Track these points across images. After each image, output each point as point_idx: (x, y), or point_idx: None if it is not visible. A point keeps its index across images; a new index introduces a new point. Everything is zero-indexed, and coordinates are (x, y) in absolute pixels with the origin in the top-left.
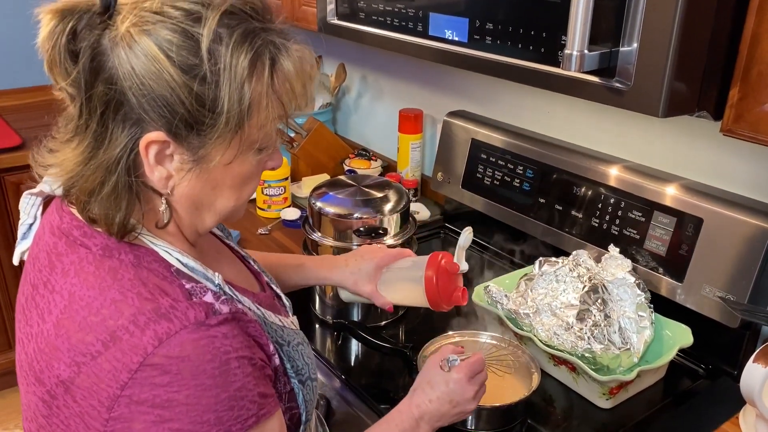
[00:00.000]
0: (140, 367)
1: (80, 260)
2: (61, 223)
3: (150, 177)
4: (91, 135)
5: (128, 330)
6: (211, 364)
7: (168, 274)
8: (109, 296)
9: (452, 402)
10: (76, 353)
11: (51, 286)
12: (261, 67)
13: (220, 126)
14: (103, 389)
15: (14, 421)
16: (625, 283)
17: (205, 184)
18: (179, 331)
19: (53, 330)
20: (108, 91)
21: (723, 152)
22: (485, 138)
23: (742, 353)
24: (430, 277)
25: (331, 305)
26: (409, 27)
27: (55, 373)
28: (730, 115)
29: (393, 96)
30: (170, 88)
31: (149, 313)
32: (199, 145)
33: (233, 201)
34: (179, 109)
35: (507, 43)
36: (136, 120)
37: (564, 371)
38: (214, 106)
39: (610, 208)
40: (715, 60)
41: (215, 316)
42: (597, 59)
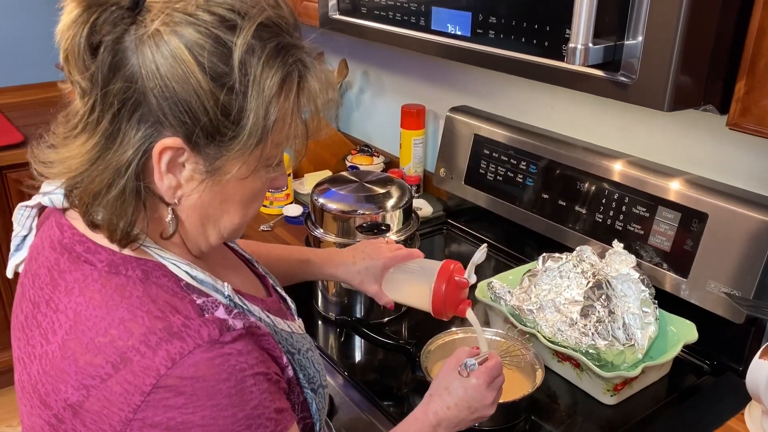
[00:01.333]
0: (153, 389)
1: (85, 278)
2: (62, 238)
3: (158, 185)
4: (101, 133)
5: (139, 351)
6: (226, 383)
7: (178, 290)
8: (118, 315)
9: (471, 408)
10: (85, 376)
11: (54, 305)
12: (290, 85)
13: (242, 139)
14: (114, 413)
15: (17, 418)
16: (629, 279)
17: (215, 197)
18: (193, 351)
19: (59, 351)
20: (127, 89)
21: (728, 147)
22: (488, 133)
23: (747, 349)
24: (440, 287)
25: (334, 302)
26: (412, 21)
27: (63, 397)
28: (736, 109)
29: (395, 91)
30: (196, 94)
31: (160, 333)
32: (216, 156)
33: (239, 218)
34: (202, 117)
35: (510, 37)
36: (153, 123)
37: (568, 367)
38: (239, 119)
39: (614, 204)
40: (721, 53)
41: (229, 333)
42: (602, 53)
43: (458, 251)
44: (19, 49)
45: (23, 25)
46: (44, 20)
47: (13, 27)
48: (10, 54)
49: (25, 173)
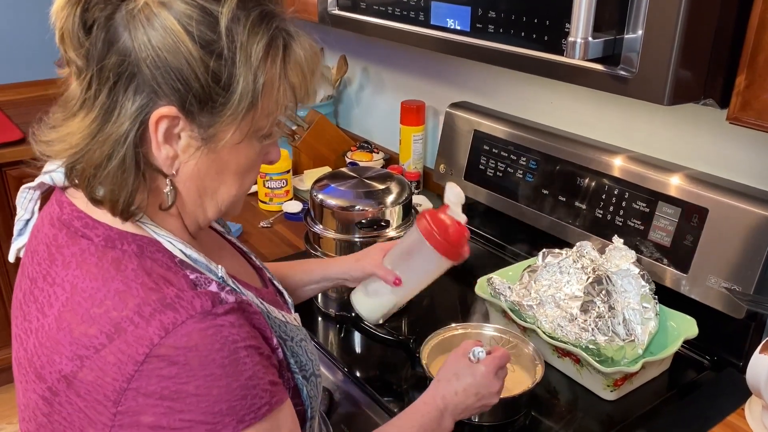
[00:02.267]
0: (146, 358)
1: (82, 251)
2: (61, 214)
3: (156, 155)
4: (99, 107)
5: (133, 321)
6: (219, 353)
7: (172, 265)
8: (113, 287)
9: (478, 395)
10: (79, 346)
11: (51, 279)
12: (275, 51)
13: (233, 104)
14: (108, 383)
15: (16, 416)
16: (629, 275)
17: (210, 167)
18: (185, 321)
19: (54, 323)
20: (121, 63)
21: (729, 141)
22: (488, 129)
23: (747, 344)
24: (420, 219)
25: (334, 298)
26: (411, 16)
27: (57, 368)
28: (737, 103)
29: (395, 88)
30: (187, 62)
31: (154, 304)
32: (210, 123)
33: (235, 189)
34: (194, 84)
35: (510, 31)
36: (148, 93)
37: (568, 363)
38: (229, 84)
39: (614, 199)
40: (722, 47)
41: (221, 305)
42: (601, 47)
43: None
44: (17, 46)
45: (21, 22)
46: (42, 17)
47: (12, 24)
48: (8, 51)
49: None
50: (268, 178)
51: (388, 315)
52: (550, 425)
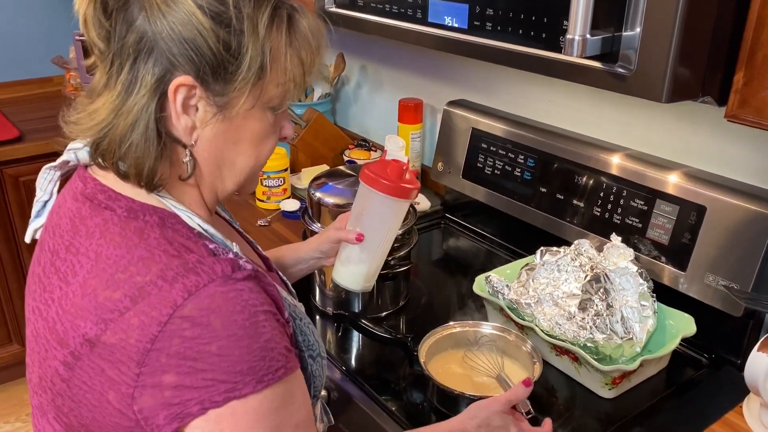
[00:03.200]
0: (170, 319)
1: (105, 222)
2: (84, 189)
3: (176, 125)
4: (121, 83)
5: (157, 285)
6: (240, 315)
7: (191, 235)
8: (137, 254)
9: None
10: (104, 310)
11: (75, 249)
12: (279, 21)
13: (243, 71)
14: (132, 344)
15: (15, 414)
16: (627, 273)
17: (227, 136)
18: (207, 284)
19: (79, 290)
20: (140, 40)
21: (727, 139)
22: (486, 127)
23: (745, 342)
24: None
25: (331, 297)
26: (408, 14)
27: (81, 332)
28: (735, 101)
29: (392, 86)
30: (199, 33)
31: (177, 268)
32: (223, 90)
33: (253, 159)
34: (207, 53)
35: (508, 28)
36: (166, 65)
37: (566, 361)
38: (239, 52)
39: (612, 197)
40: (720, 44)
41: (240, 271)
42: (599, 44)
43: (456, 246)
44: (14, 44)
45: (19, 20)
46: (40, 15)
47: (9, 22)
48: (5, 49)
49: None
50: (265, 177)
51: (371, 279)
52: None
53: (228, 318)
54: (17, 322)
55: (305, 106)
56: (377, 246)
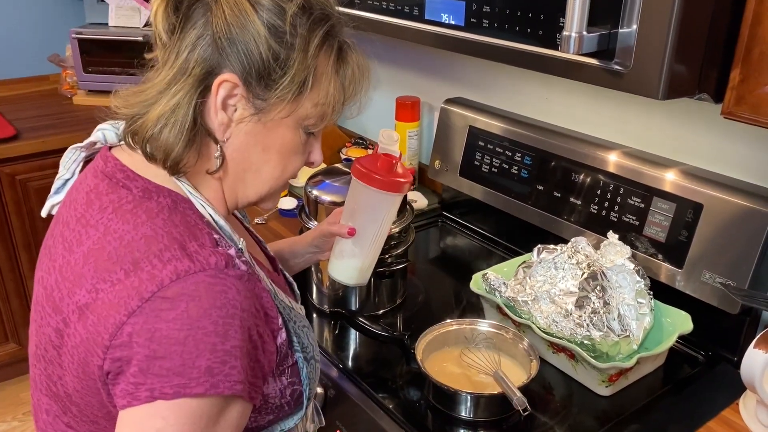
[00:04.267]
0: (152, 297)
1: (120, 199)
2: (105, 167)
3: (213, 119)
4: (176, 68)
5: (151, 262)
6: (219, 311)
7: (200, 222)
8: (141, 231)
9: None
10: (99, 280)
11: (85, 221)
12: (329, 48)
13: (285, 81)
14: (112, 315)
15: (12, 413)
16: (624, 270)
17: (258, 141)
18: (198, 272)
19: (81, 259)
20: (200, 35)
21: (723, 136)
22: (483, 125)
23: (742, 339)
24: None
25: (329, 294)
26: (405, 11)
27: (75, 299)
28: (731, 98)
29: (390, 83)
30: (253, 39)
31: (175, 251)
32: (263, 95)
33: (279, 170)
34: (256, 58)
35: (505, 26)
36: (216, 60)
37: (563, 359)
38: (285, 63)
39: (609, 195)
40: (716, 41)
41: (234, 269)
42: (596, 41)
43: (454, 244)
44: (11, 42)
45: (15, 18)
46: (37, 13)
47: (5, 20)
48: (1, 47)
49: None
50: None
51: (366, 273)
52: (545, 421)
53: (205, 310)
54: (14, 321)
55: None
56: (371, 240)
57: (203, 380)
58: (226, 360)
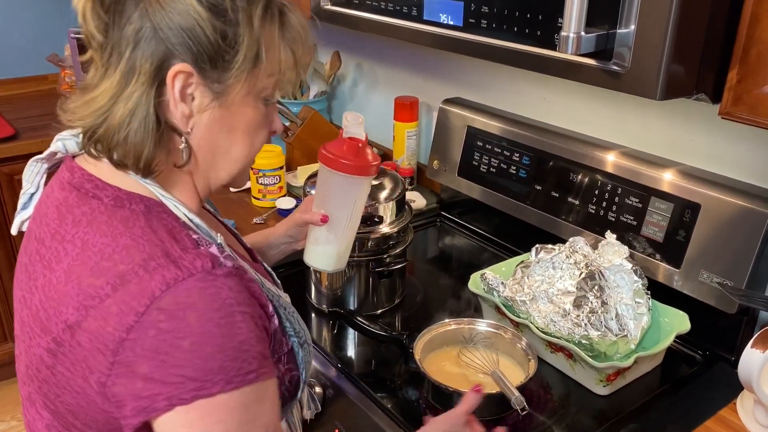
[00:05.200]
0: (147, 310)
1: (92, 211)
2: (72, 178)
3: (174, 112)
4: (120, 71)
5: (137, 274)
6: (217, 313)
7: (177, 225)
8: (121, 242)
9: None
10: (85, 297)
11: (60, 236)
12: (271, 15)
13: (239, 60)
14: (109, 332)
15: (11, 413)
16: (622, 270)
17: (222, 124)
18: (186, 279)
19: (63, 276)
20: (138, 30)
21: (721, 136)
22: (481, 125)
23: (739, 339)
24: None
25: (327, 294)
26: (404, 11)
27: (63, 318)
28: (729, 98)
29: (388, 84)
30: (197, 23)
31: (159, 259)
32: (219, 78)
33: (247, 148)
34: (204, 41)
35: (503, 26)
36: (164, 53)
37: (561, 358)
38: (235, 42)
39: (607, 195)
40: (714, 41)
41: (221, 268)
42: (594, 41)
43: (452, 243)
44: (9, 41)
45: (14, 17)
46: (35, 13)
47: (4, 20)
48: (0, 47)
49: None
50: (261, 175)
51: (342, 259)
52: (543, 420)
53: (203, 315)
54: (12, 321)
55: (301, 104)
56: (344, 225)
57: (218, 379)
58: (237, 355)
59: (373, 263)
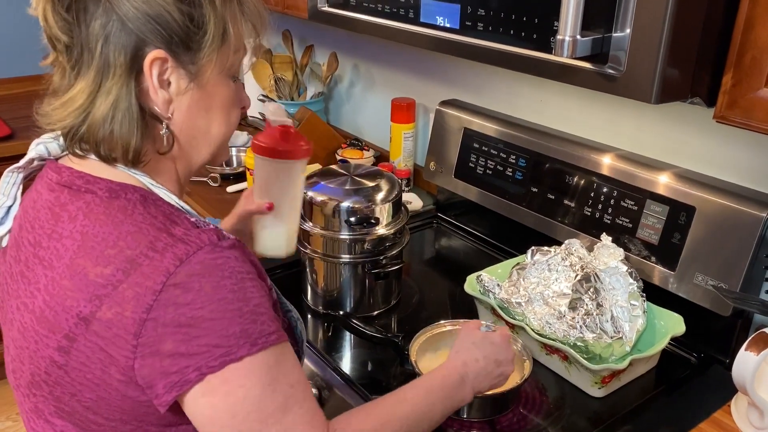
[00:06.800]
0: (164, 287)
1: (87, 204)
2: (60, 179)
3: (154, 99)
4: (95, 68)
5: (147, 256)
6: (229, 280)
7: (173, 210)
8: (124, 229)
9: (497, 361)
10: (96, 287)
11: (58, 235)
12: None
13: (207, 41)
14: (128, 316)
15: (6, 413)
16: (617, 272)
17: (200, 105)
18: (197, 252)
19: (67, 271)
20: (105, 24)
21: (716, 140)
22: (478, 127)
23: (734, 341)
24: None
25: (323, 295)
26: (401, 14)
27: (74, 313)
28: (724, 102)
29: (385, 85)
30: (164, 9)
31: (165, 239)
32: (192, 60)
33: (224, 126)
34: (174, 26)
35: (499, 29)
36: (136, 43)
37: (556, 360)
38: (202, 23)
39: (602, 197)
40: (709, 45)
41: (226, 240)
42: (589, 45)
43: (448, 245)
44: (5, 41)
45: (11, 17)
46: None
47: (1, 20)
48: None
49: None
50: None
51: (292, 242)
52: (538, 422)
53: (218, 283)
54: None
55: (298, 105)
56: (289, 207)
57: (243, 342)
58: (256, 318)
59: (370, 265)
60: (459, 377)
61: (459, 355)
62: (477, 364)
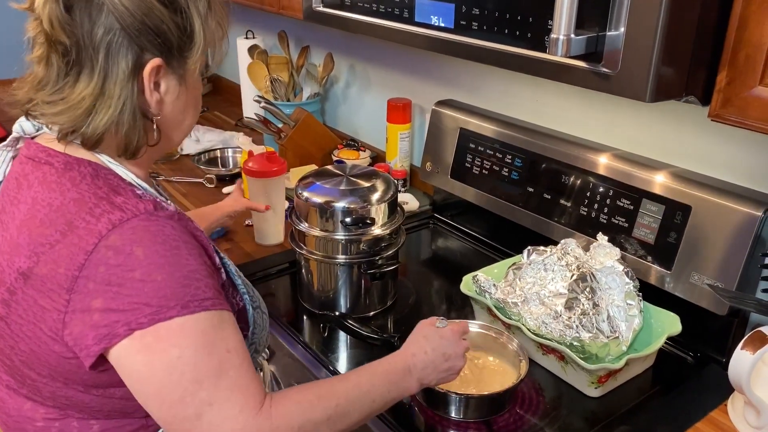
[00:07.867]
0: (95, 248)
1: (44, 174)
2: (28, 153)
3: (149, 100)
4: (99, 72)
5: (84, 219)
6: (162, 246)
7: (122, 183)
8: (69, 196)
9: (445, 355)
10: (36, 245)
11: (17, 201)
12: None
13: (195, 49)
14: (61, 273)
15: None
16: (613, 272)
17: (181, 103)
18: (131, 219)
19: (15, 231)
20: (108, 31)
21: (711, 138)
22: (474, 127)
23: (730, 341)
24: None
25: (319, 296)
26: (395, 13)
27: (15, 267)
28: (718, 100)
29: (381, 85)
30: (162, 21)
31: (104, 206)
32: (181, 65)
33: (195, 117)
34: (168, 37)
35: (494, 28)
36: (137, 51)
37: (552, 360)
38: (192, 33)
39: (598, 197)
40: (703, 43)
41: (163, 210)
42: (584, 44)
43: (444, 245)
44: (4, 42)
45: (9, 17)
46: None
47: None
48: None
49: None
50: None
51: (282, 231)
52: (534, 422)
53: (149, 248)
54: None
55: (294, 105)
56: (281, 207)
57: (173, 304)
58: (189, 283)
59: (365, 265)
60: (405, 366)
61: (408, 347)
62: (425, 356)
